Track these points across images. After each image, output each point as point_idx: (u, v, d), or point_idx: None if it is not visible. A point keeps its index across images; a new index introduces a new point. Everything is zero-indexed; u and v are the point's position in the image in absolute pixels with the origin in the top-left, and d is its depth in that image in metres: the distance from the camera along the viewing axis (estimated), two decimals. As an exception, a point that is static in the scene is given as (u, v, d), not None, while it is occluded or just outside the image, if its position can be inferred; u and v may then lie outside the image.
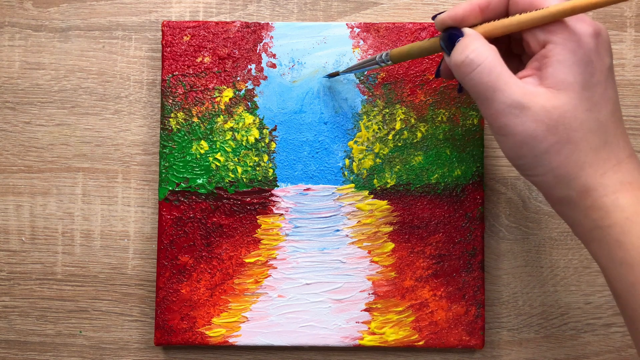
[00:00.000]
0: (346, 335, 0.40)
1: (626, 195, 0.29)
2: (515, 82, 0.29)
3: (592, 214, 0.29)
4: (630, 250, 0.28)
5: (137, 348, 0.42)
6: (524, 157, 0.30)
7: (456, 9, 0.31)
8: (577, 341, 0.42)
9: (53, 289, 0.42)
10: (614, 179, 0.29)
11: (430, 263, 0.41)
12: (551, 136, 0.29)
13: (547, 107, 0.29)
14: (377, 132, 0.41)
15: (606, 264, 0.30)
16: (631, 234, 0.28)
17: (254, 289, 0.40)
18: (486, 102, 0.30)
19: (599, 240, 0.30)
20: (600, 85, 0.29)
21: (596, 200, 0.29)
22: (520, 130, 0.29)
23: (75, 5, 0.43)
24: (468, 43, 0.30)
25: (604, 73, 0.29)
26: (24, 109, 0.42)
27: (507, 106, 0.29)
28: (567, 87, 0.29)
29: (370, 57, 0.37)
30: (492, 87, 0.29)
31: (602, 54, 0.29)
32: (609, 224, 0.29)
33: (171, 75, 0.41)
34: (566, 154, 0.29)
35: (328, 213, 0.41)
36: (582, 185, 0.29)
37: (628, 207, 0.29)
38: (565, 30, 0.29)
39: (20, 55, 0.42)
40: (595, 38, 0.29)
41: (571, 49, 0.29)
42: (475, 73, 0.30)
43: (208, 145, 0.41)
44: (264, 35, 0.41)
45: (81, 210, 0.42)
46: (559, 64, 0.29)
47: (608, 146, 0.29)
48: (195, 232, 0.40)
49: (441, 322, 0.40)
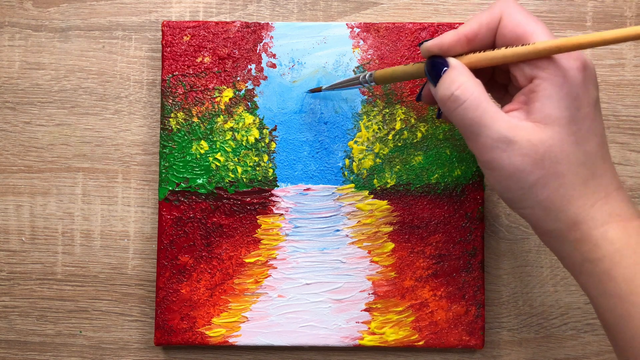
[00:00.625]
0: (346, 335, 0.40)
1: (615, 228, 0.29)
2: (502, 116, 0.29)
3: (581, 247, 0.30)
4: (620, 283, 0.28)
5: (137, 348, 0.42)
6: (512, 190, 0.30)
7: (443, 38, 0.31)
8: (577, 341, 0.42)
9: (53, 289, 0.42)
10: (603, 211, 0.29)
11: (430, 263, 0.41)
12: (538, 170, 0.29)
13: (534, 141, 0.29)
14: (377, 132, 0.41)
15: (596, 296, 0.30)
16: (621, 266, 0.29)
17: (254, 289, 0.40)
18: (473, 136, 0.30)
19: (589, 273, 0.30)
20: (587, 118, 0.29)
21: (585, 233, 0.29)
22: (506, 164, 0.29)
23: (75, 5, 0.43)
24: (454, 78, 0.30)
25: (591, 106, 0.29)
26: (24, 109, 0.42)
27: (493, 141, 0.29)
28: (553, 121, 0.29)
29: (354, 76, 0.37)
30: (478, 123, 0.29)
31: (588, 88, 0.29)
32: (599, 257, 0.29)
33: (171, 75, 0.41)
34: (554, 187, 0.29)
35: (328, 213, 0.41)
36: (571, 218, 0.30)
37: (617, 240, 0.29)
38: (552, 65, 0.29)
39: (20, 55, 0.42)
40: (582, 72, 0.29)
41: (558, 84, 0.29)
42: (461, 109, 0.30)
43: (208, 145, 0.41)
44: (264, 35, 0.41)
45: (81, 210, 0.42)
46: (546, 99, 0.29)
47: (596, 179, 0.30)
48: (195, 232, 0.40)
49: (441, 322, 0.40)
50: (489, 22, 0.30)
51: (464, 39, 0.31)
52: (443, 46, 0.31)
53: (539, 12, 0.42)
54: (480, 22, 0.31)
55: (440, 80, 0.31)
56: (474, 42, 0.31)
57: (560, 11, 0.42)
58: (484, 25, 0.30)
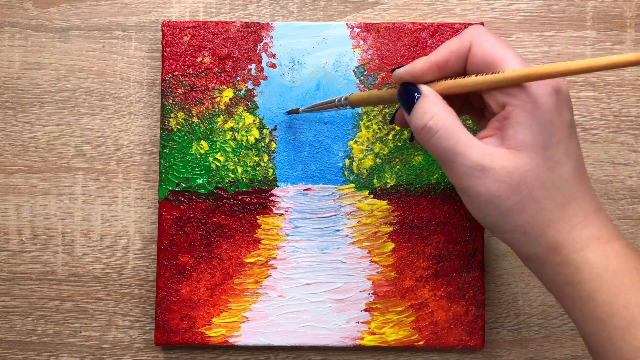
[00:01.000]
0: (346, 335, 0.40)
1: (595, 251, 0.29)
2: (475, 144, 0.29)
3: (562, 271, 0.30)
4: (602, 306, 0.29)
5: (137, 348, 0.42)
6: (490, 215, 0.30)
7: (414, 66, 0.31)
8: (577, 341, 0.42)
9: (53, 289, 0.42)
10: (582, 234, 0.29)
11: (430, 263, 0.41)
12: (514, 195, 0.29)
13: (508, 168, 0.29)
14: (377, 132, 0.41)
15: (579, 319, 0.30)
16: (602, 289, 0.29)
17: (254, 289, 0.40)
18: (448, 165, 0.30)
19: (571, 296, 0.30)
20: (561, 143, 0.29)
21: (565, 257, 0.29)
22: (482, 190, 0.29)
23: (75, 5, 0.43)
24: (426, 108, 0.30)
25: (565, 130, 0.29)
26: (24, 109, 0.42)
27: (468, 168, 0.29)
28: (527, 147, 0.29)
29: (330, 99, 0.38)
30: (452, 152, 0.30)
31: (562, 111, 0.29)
32: (579, 280, 0.29)
33: (171, 75, 0.41)
34: (531, 212, 0.29)
35: (328, 213, 0.41)
36: (550, 243, 0.30)
37: (597, 263, 0.29)
38: (523, 92, 0.29)
39: (20, 55, 0.42)
40: (555, 96, 0.29)
41: (530, 110, 0.29)
42: (435, 139, 0.30)
43: (208, 145, 0.41)
44: (264, 35, 0.41)
45: (81, 210, 0.42)
46: (519, 125, 0.29)
47: (574, 202, 0.30)
48: (195, 232, 0.40)
49: (441, 322, 0.40)
50: (459, 49, 0.31)
51: (434, 67, 0.31)
52: (415, 73, 0.31)
53: (538, 12, 0.42)
54: (451, 50, 0.31)
55: (413, 111, 0.31)
56: (445, 69, 0.31)
57: (560, 11, 0.42)
58: (454, 52, 0.31)
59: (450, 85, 0.31)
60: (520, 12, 0.43)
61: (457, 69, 0.31)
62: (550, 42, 0.42)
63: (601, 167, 0.42)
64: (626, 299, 0.28)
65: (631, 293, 0.28)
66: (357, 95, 0.36)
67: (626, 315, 0.28)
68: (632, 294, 0.28)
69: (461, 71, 0.31)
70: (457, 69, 0.31)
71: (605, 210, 0.31)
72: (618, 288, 0.28)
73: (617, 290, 0.28)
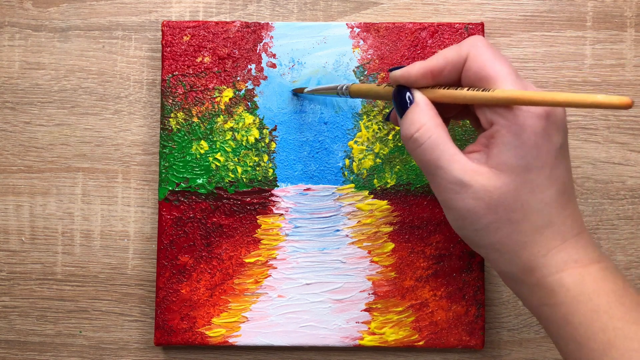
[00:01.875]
0: (346, 335, 0.40)
1: (571, 274, 0.29)
2: (459, 159, 0.29)
3: (537, 292, 0.30)
4: (578, 329, 0.28)
5: (137, 348, 0.42)
6: (465, 229, 0.30)
7: (409, 70, 0.31)
8: (577, 341, 0.42)
9: (53, 289, 0.42)
10: (558, 258, 0.29)
11: (430, 263, 0.41)
12: (490, 214, 0.29)
13: (488, 187, 0.29)
14: (377, 132, 0.41)
15: (556, 340, 0.30)
16: (578, 313, 0.28)
17: (254, 289, 0.40)
18: (430, 176, 0.31)
19: (548, 318, 0.30)
20: (546, 167, 0.29)
21: (540, 279, 0.29)
22: (460, 205, 0.30)
23: (75, 5, 0.43)
24: (415, 119, 0.30)
25: (552, 154, 0.29)
26: (24, 109, 0.42)
27: (448, 182, 0.30)
28: (509, 169, 0.29)
29: (334, 85, 0.38)
30: (434, 165, 0.30)
31: (551, 135, 0.29)
32: (555, 303, 0.29)
33: (171, 75, 0.41)
34: (506, 232, 0.29)
35: (328, 213, 0.41)
36: (526, 264, 0.30)
37: (573, 287, 0.29)
38: (511, 112, 0.29)
39: (20, 55, 0.42)
40: (544, 120, 0.29)
41: (515, 132, 0.29)
42: (420, 150, 0.30)
43: (208, 145, 0.41)
44: (264, 35, 0.41)
45: (81, 210, 0.42)
46: (503, 146, 0.29)
47: (552, 226, 0.29)
48: (195, 232, 0.40)
49: (441, 322, 0.40)
50: (455, 60, 0.30)
51: (429, 74, 0.31)
52: (410, 78, 0.31)
53: (538, 12, 0.42)
54: (447, 59, 0.31)
55: (403, 119, 0.31)
56: (440, 77, 0.31)
57: (560, 11, 0.42)
58: (450, 62, 0.31)
59: (443, 95, 0.31)
60: (520, 12, 0.43)
61: (452, 79, 0.31)
62: (550, 42, 0.42)
63: (601, 167, 0.42)
64: (603, 322, 0.28)
65: (608, 317, 0.28)
66: (357, 86, 0.36)
67: (603, 339, 0.28)
68: (609, 318, 0.28)
69: (456, 81, 0.31)
70: (452, 78, 0.31)
71: (587, 232, 0.30)
72: (594, 312, 0.28)
73: (594, 313, 0.28)
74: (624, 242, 0.42)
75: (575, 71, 0.42)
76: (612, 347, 0.28)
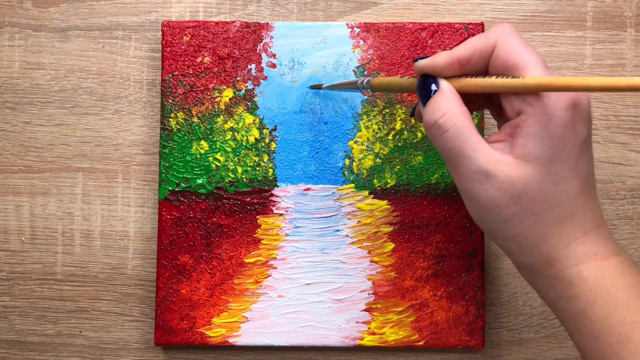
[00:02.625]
0: (346, 335, 0.40)
1: (590, 268, 0.29)
2: (483, 148, 0.29)
3: (556, 284, 0.30)
4: (596, 322, 0.28)
5: (137, 348, 0.42)
6: (487, 221, 0.30)
7: (436, 59, 0.31)
8: (577, 341, 0.42)
9: (53, 289, 0.42)
10: (578, 251, 0.29)
11: (430, 263, 0.41)
12: (514, 206, 0.29)
13: (512, 178, 0.29)
14: (377, 132, 0.41)
15: (573, 333, 0.30)
16: (596, 306, 0.28)
17: (254, 289, 0.40)
18: (452, 165, 0.30)
19: (565, 310, 0.30)
20: (571, 159, 0.29)
21: (559, 271, 0.29)
22: (483, 196, 0.29)
23: (75, 5, 0.43)
24: (439, 105, 0.30)
25: (577, 147, 0.29)
26: (24, 109, 0.42)
27: (471, 172, 0.29)
28: (534, 160, 0.28)
29: (353, 79, 0.37)
30: (458, 153, 0.29)
31: (577, 127, 0.29)
32: (573, 296, 0.29)
33: (171, 75, 0.41)
34: (528, 224, 0.29)
35: (328, 213, 0.41)
36: (545, 256, 0.29)
37: (592, 280, 0.29)
38: (539, 102, 0.28)
39: (20, 55, 0.42)
40: (571, 110, 0.28)
41: (543, 122, 0.28)
42: (443, 137, 0.30)
43: (208, 145, 0.41)
44: (264, 35, 0.41)
45: (81, 210, 0.42)
46: (530, 136, 0.28)
47: (574, 219, 0.29)
48: (195, 232, 0.40)
49: (441, 322, 0.40)
50: (483, 48, 0.30)
51: (456, 63, 0.30)
52: (436, 67, 0.31)
53: (538, 12, 0.42)
54: (474, 47, 0.30)
55: (427, 105, 0.30)
56: (467, 66, 0.30)
57: (560, 11, 0.42)
58: (478, 50, 0.30)
59: (469, 84, 0.30)
60: (520, 12, 0.43)
61: (479, 68, 0.31)
62: (550, 42, 0.42)
63: (601, 167, 0.42)
64: (621, 316, 0.28)
65: (625, 310, 0.28)
66: (379, 79, 0.36)
67: (620, 332, 0.28)
68: (627, 312, 0.28)
69: (483, 70, 0.31)
70: (479, 67, 0.30)
71: (606, 226, 0.30)
72: (613, 305, 0.28)
73: (612, 307, 0.28)
74: (624, 242, 0.42)
75: (575, 71, 0.42)
76: (630, 341, 0.28)
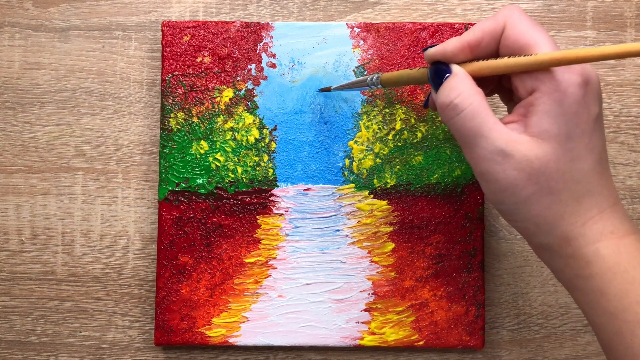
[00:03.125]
0: (346, 335, 0.40)
1: (607, 245, 0.29)
2: (499, 128, 0.29)
3: (573, 263, 0.29)
4: (613, 301, 0.28)
5: (137, 348, 0.42)
6: (504, 203, 0.30)
7: (446, 45, 0.31)
8: (577, 341, 0.42)
9: (53, 289, 0.42)
10: (595, 229, 0.29)
11: (430, 263, 0.41)
12: (532, 185, 0.29)
13: (530, 157, 0.29)
14: (377, 132, 0.41)
15: (589, 312, 0.30)
16: (613, 284, 0.28)
17: (254, 289, 0.40)
18: (469, 146, 0.30)
19: (581, 289, 0.30)
20: (585, 135, 0.29)
21: (577, 250, 0.29)
22: (501, 177, 0.29)
23: (75, 5, 0.43)
24: (454, 86, 0.30)
25: (590, 123, 0.29)
26: (24, 109, 0.42)
27: (489, 153, 0.29)
28: (550, 137, 0.29)
29: (362, 77, 0.37)
30: (475, 133, 0.29)
31: (589, 104, 0.29)
32: (591, 274, 0.29)
33: (171, 75, 0.41)
34: (546, 203, 0.29)
35: (328, 213, 0.41)
36: (562, 235, 0.29)
37: (609, 258, 0.29)
38: (552, 79, 0.28)
39: (20, 55, 0.42)
40: (583, 87, 0.29)
41: (557, 99, 0.28)
42: (459, 118, 0.29)
43: (208, 145, 0.41)
44: (264, 35, 0.41)
45: (81, 210, 0.42)
46: (544, 114, 0.29)
47: (590, 196, 0.29)
48: (195, 232, 0.40)
49: (441, 322, 0.40)
50: (493, 30, 0.30)
51: (467, 47, 0.30)
52: (446, 53, 0.31)
53: (539, 12, 0.42)
54: (484, 30, 0.30)
55: (441, 87, 0.30)
56: (477, 50, 0.30)
57: (560, 11, 0.42)
58: (487, 33, 0.30)
59: (482, 67, 0.30)
60: (520, 12, 0.43)
61: (489, 51, 0.31)
62: (550, 42, 0.42)
63: (601, 167, 0.42)
64: (638, 294, 0.28)
65: None
66: (388, 74, 0.35)
67: (637, 310, 0.28)
68: None
69: (494, 53, 0.31)
70: (490, 50, 0.30)
71: (621, 204, 0.30)
72: (630, 283, 0.28)
73: (629, 285, 0.28)
74: (624, 242, 0.42)
75: (575, 71, 0.42)
76: None
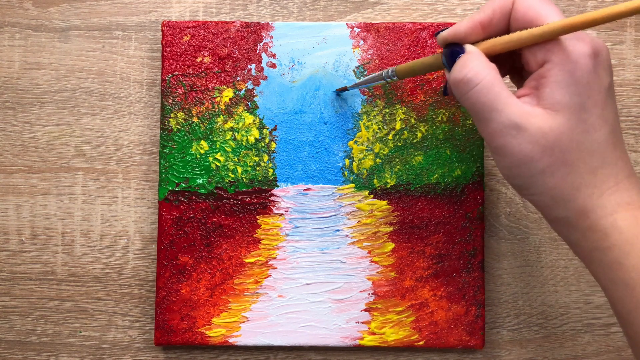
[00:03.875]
0: (346, 335, 0.40)
1: (625, 217, 0.29)
2: (514, 102, 0.29)
3: (590, 236, 0.29)
4: (631, 272, 0.28)
5: (137, 348, 0.42)
6: (520, 177, 0.30)
7: (458, 26, 0.31)
8: (577, 341, 0.42)
9: (53, 289, 0.42)
10: (612, 200, 0.29)
11: (430, 263, 0.41)
12: (547, 157, 0.29)
13: (544, 129, 0.29)
14: (377, 132, 0.41)
15: (606, 285, 0.30)
16: (631, 256, 0.28)
17: (254, 289, 0.40)
18: (484, 121, 0.30)
19: (599, 262, 0.29)
20: (597, 106, 0.29)
21: (594, 222, 0.29)
22: (517, 151, 0.29)
23: (75, 5, 0.43)
24: (467, 61, 0.30)
25: (602, 94, 0.29)
26: (24, 109, 0.42)
27: (504, 126, 0.29)
28: (563, 108, 0.29)
29: (377, 72, 0.37)
30: (489, 107, 0.29)
31: (600, 74, 0.29)
32: (608, 246, 0.29)
33: (171, 75, 0.41)
34: (562, 175, 0.29)
35: (328, 213, 0.41)
36: (579, 207, 0.29)
37: (627, 229, 0.29)
38: (563, 50, 0.29)
39: (20, 55, 0.42)
40: (594, 58, 0.29)
41: (568, 70, 0.28)
42: (473, 92, 0.29)
43: (208, 145, 0.41)
44: (264, 35, 0.41)
45: (81, 210, 0.42)
46: (556, 84, 0.29)
47: (606, 167, 0.29)
48: (195, 232, 0.40)
49: (441, 322, 0.40)
50: (502, 7, 0.30)
51: (478, 26, 0.31)
52: (459, 34, 0.31)
53: (539, 12, 0.42)
54: (494, 8, 0.30)
55: (455, 65, 0.30)
56: (489, 28, 0.31)
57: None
58: (497, 10, 0.30)
59: (495, 43, 0.30)
60: (520, 12, 0.42)
61: (500, 28, 0.31)
62: (550, 42, 0.42)
63: (601, 167, 0.42)
64: None
65: None
66: (404, 65, 0.35)
67: None
68: None
69: (504, 30, 0.31)
70: (501, 27, 0.31)
71: (636, 176, 0.30)
72: None
73: None
74: (624, 242, 0.42)
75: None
76: None
